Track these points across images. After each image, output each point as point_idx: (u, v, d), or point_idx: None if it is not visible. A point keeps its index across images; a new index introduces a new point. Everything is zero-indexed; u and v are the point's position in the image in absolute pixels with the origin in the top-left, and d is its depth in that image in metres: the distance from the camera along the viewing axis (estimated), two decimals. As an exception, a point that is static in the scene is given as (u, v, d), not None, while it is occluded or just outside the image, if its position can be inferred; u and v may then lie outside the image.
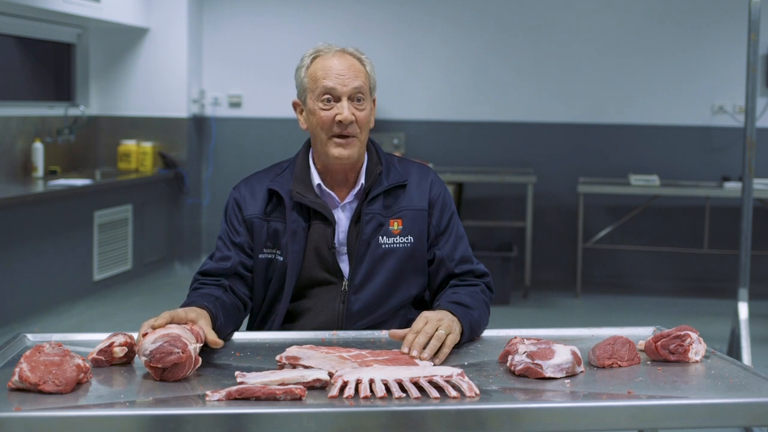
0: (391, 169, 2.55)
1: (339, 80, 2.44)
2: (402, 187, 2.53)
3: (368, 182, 2.51)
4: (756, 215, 5.53)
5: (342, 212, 2.52)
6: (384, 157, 2.57)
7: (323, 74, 2.45)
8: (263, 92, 7.93)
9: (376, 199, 2.50)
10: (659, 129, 7.66)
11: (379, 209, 2.49)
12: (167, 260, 7.72)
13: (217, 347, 2.15)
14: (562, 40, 7.70)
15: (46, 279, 6.09)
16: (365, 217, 2.48)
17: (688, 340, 2.18)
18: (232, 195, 2.59)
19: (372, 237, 2.48)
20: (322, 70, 2.45)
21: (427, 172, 2.60)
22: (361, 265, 2.48)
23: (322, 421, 1.76)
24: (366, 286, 2.48)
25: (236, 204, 2.56)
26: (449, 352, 2.20)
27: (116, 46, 7.71)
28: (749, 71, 4.79)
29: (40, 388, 1.86)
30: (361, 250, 2.48)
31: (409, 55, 7.80)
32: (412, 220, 2.51)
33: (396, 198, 2.52)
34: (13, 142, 6.60)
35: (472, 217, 7.60)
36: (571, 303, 7.13)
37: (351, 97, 2.45)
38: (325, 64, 2.46)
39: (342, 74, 2.44)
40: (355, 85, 2.45)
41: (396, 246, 2.49)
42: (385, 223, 2.49)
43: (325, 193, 2.52)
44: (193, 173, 7.87)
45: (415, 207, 2.52)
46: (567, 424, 1.84)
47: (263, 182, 2.56)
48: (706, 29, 7.57)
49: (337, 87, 2.44)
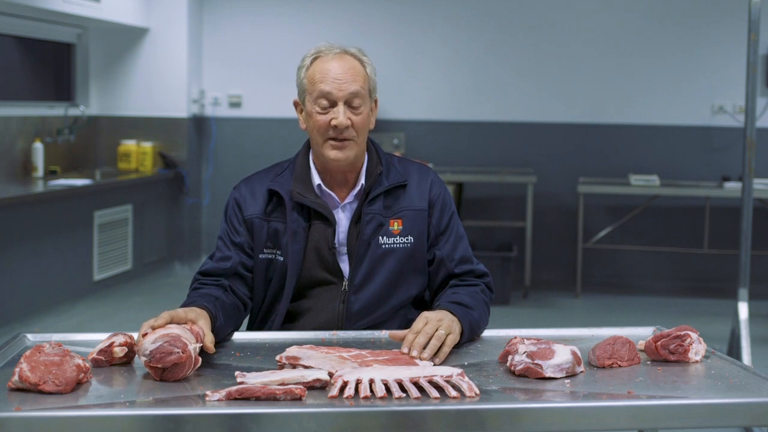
0: (391, 169, 2.55)
1: (335, 84, 2.43)
2: (402, 188, 2.53)
3: (368, 182, 2.51)
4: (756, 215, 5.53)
5: (342, 212, 2.52)
6: (384, 158, 2.57)
7: (321, 77, 2.44)
8: (263, 92, 7.93)
9: (376, 200, 2.50)
10: (659, 129, 7.66)
11: (380, 209, 2.49)
12: (167, 260, 7.72)
13: (210, 353, 2.15)
14: (562, 40, 7.70)
15: (46, 279, 6.09)
16: (365, 218, 2.48)
17: (688, 340, 2.18)
18: (233, 195, 2.59)
19: (372, 237, 2.48)
20: (320, 73, 2.44)
21: (427, 172, 2.60)
22: (361, 265, 2.48)
23: (322, 421, 1.76)
24: (366, 286, 2.48)
25: (236, 204, 2.56)
26: (449, 351, 2.20)
27: (116, 46, 7.71)
28: (749, 71, 4.78)
29: (40, 388, 1.86)
30: (362, 250, 2.47)
31: (409, 55, 7.80)
32: (412, 220, 2.51)
33: (396, 198, 2.52)
34: (13, 142, 6.60)
35: (472, 217, 7.60)
36: (571, 303, 7.13)
37: (347, 101, 2.44)
38: (324, 66, 2.45)
39: (339, 78, 2.43)
40: (352, 89, 2.44)
41: (396, 246, 2.49)
42: (385, 224, 2.49)
43: (325, 194, 2.52)
44: (193, 173, 7.87)
45: (415, 207, 2.52)
46: (567, 424, 1.84)
47: (263, 182, 2.56)
48: (706, 29, 7.57)
49: (333, 91, 2.43)
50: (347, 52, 2.49)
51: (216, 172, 8.00)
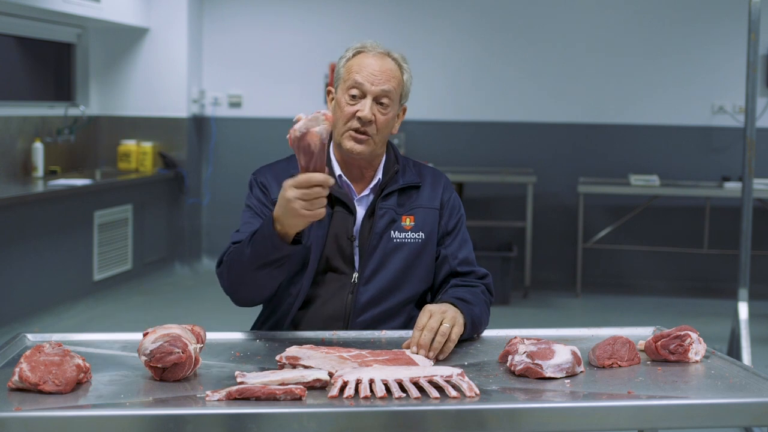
0: (407, 170, 2.61)
1: (370, 78, 2.48)
2: (416, 188, 2.59)
3: (385, 179, 2.56)
4: (756, 215, 5.53)
5: (358, 205, 2.56)
6: (401, 159, 2.63)
7: (357, 69, 2.49)
8: (263, 92, 7.94)
9: (390, 195, 2.55)
10: (659, 129, 7.67)
11: (393, 205, 2.54)
12: (167, 260, 7.72)
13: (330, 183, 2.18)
14: (563, 40, 7.70)
15: (46, 279, 6.09)
16: (379, 212, 2.52)
17: (688, 340, 2.18)
18: (256, 178, 2.58)
19: (385, 231, 2.52)
20: (358, 65, 2.50)
21: (440, 177, 2.66)
22: (371, 258, 2.51)
23: (322, 421, 1.76)
24: (375, 277, 2.51)
25: (263, 186, 2.56)
26: (453, 346, 2.23)
27: (116, 46, 7.71)
28: (749, 71, 4.78)
29: (40, 388, 1.86)
30: (374, 242, 2.51)
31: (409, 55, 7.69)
32: (423, 217, 2.56)
33: (409, 197, 2.57)
34: (13, 142, 6.60)
35: (472, 217, 7.59)
36: (571, 303, 7.13)
37: (377, 97, 2.48)
38: (363, 61, 2.51)
39: (375, 74, 2.48)
40: (384, 87, 2.49)
41: (407, 241, 2.53)
42: (397, 219, 2.54)
43: (345, 184, 2.56)
44: (193, 173, 7.87)
45: (428, 206, 2.58)
46: (567, 424, 1.84)
47: (287, 170, 2.52)
48: (706, 29, 7.57)
49: (365, 84, 2.47)
50: (390, 54, 2.55)
51: (216, 172, 8.00)
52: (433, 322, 2.23)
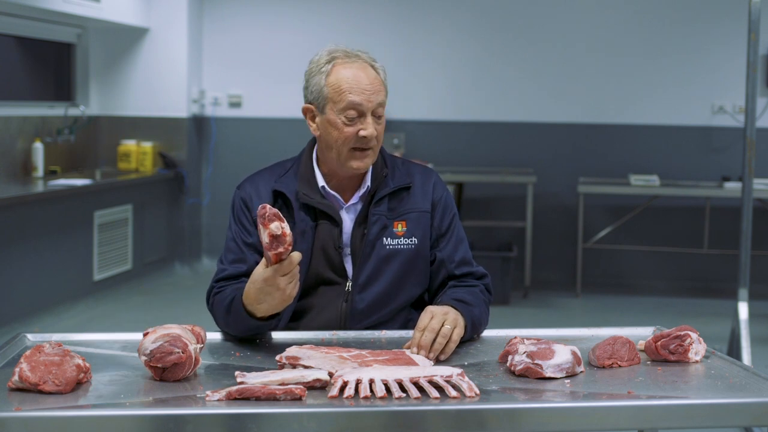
0: (395, 171, 2.56)
1: (365, 96, 2.42)
2: (406, 190, 2.55)
3: (374, 185, 2.52)
4: (756, 215, 5.53)
5: (346, 214, 2.53)
6: (389, 161, 2.58)
7: (349, 87, 2.42)
8: (263, 92, 7.93)
9: (381, 201, 2.51)
10: (659, 129, 7.66)
11: (384, 211, 2.51)
12: (167, 260, 7.72)
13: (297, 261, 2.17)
14: (563, 40, 7.70)
15: (46, 279, 6.09)
16: (372, 218, 2.49)
17: (688, 340, 2.18)
18: (238, 195, 2.57)
19: (377, 238, 2.49)
20: (348, 82, 2.42)
21: (429, 174, 2.61)
22: (365, 266, 2.49)
23: (322, 421, 1.76)
24: (370, 286, 2.49)
25: (243, 204, 2.54)
26: (455, 347, 2.23)
27: (116, 46, 7.71)
28: (749, 71, 4.78)
29: (40, 388, 1.86)
30: (367, 250, 2.49)
31: (409, 54, 7.80)
32: (415, 221, 2.53)
33: (400, 200, 2.53)
34: (13, 142, 6.60)
35: (472, 217, 7.60)
36: (571, 303, 7.13)
37: (374, 112, 2.45)
38: (350, 75, 2.43)
39: (367, 89, 2.42)
40: (379, 100, 2.45)
41: (400, 247, 2.50)
42: (389, 225, 2.50)
43: (330, 195, 2.52)
44: (193, 173, 7.87)
45: (419, 209, 2.54)
46: (567, 424, 1.84)
47: (268, 182, 2.54)
48: (706, 29, 7.57)
49: (363, 103, 2.42)
50: (361, 57, 2.47)
51: (216, 172, 8.00)
52: (434, 324, 2.22)
